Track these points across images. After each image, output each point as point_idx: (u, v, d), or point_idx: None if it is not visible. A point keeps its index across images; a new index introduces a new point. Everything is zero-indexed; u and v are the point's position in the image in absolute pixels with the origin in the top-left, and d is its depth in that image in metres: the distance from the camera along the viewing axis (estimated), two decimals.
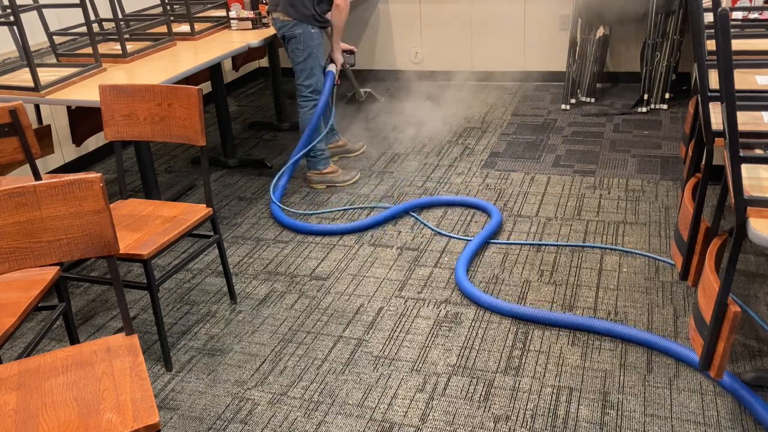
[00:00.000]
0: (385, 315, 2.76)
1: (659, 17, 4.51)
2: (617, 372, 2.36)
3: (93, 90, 2.88)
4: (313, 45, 3.63)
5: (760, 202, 1.78)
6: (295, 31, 3.59)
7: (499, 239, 3.23)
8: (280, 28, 3.65)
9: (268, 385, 2.44)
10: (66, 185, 1.74)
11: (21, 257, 1.76)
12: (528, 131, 4.50)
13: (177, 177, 4.19)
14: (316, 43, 3.63)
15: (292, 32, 3.60)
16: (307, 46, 3.62)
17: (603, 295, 2.78)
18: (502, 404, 2.27)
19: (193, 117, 2.57)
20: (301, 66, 3.69)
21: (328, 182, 3.88)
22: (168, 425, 2.28)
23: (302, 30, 3.58)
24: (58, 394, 1.72)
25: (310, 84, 3.72)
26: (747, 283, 2.77)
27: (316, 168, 3.86)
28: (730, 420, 2.14)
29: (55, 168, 4.09)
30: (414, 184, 3.85)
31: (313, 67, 3.68)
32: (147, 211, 2.69)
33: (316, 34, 3.62)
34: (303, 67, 3.69)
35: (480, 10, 5.27)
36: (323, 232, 3.39)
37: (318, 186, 3.88)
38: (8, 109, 2.42)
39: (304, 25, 3.58)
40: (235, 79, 5.83)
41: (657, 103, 4.69)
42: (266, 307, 2.87)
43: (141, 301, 2.99)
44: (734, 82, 1.73)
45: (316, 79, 3.72)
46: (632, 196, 3.54)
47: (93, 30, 3.30)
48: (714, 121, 2.28)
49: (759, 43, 2.96)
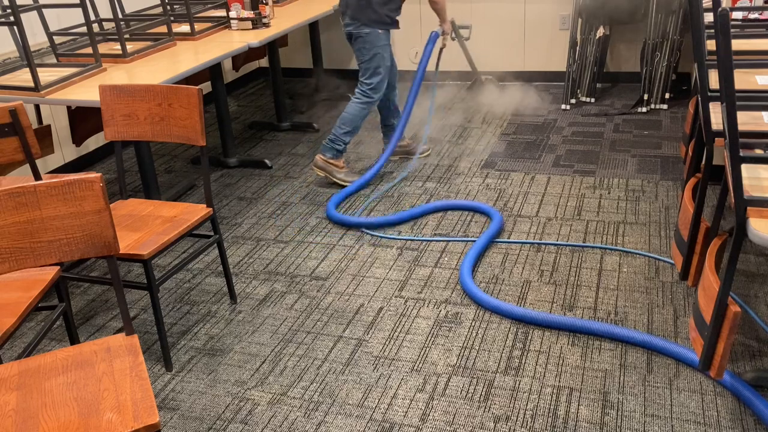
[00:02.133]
0: (385, 315, 2.76)
1: (659, 17, 4.51)
2: (617, 372, 2.36)
3: (93, 90, 2.88)
4: (379, 45, 3.70)
5: (760, 202, 1.78)
6: (362, 31, 3.68)
7: (499, 239, 3.23)
8: (347, 25, 3.73)
9: (268, 385, 2.44)
10: (66, 185, 1.74)
11: (21, 257, 1.76)
12: (528, 131, 4.50)
13: (177, 177, 4.19)
14: (382, 43, 3.70)
15: (359, 32, 3.69)
16: (374, 46, 3.69)
17: (603, 295, 2.78)
18: (502, 404, 2.27)
19: (193, 117, 2.57)
20: (366, 65, 3.75)
21: (328, 173, 3.88)
22: (168, 425, 2.28)
23: (369, 30, 3.66)
24: (58, 394, 1.72)
25: (371, 83, 3.77)
26: (747, 283, 2.77)
27: (325, 154, 3.88)
28: (730, 420, 2.14)
29: (55, 168, 4.09)
30: (414, 184, 3.85)
31: (378, 67, 3.73)
32: (147, 211, 2.69)
33: (383, 35, 3.69)
34: (367, 66, 3.75)
35: (480, 10, 5.27)
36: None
37: (318, 171, 3.89)
38: (8, 109, 2.42)
39: (372, 26, 3.66)
40: (235, 79, 5.83)
41: (657, 103, 4.69)
42: (266, 307, 2.87)
43: (141, 301, 2.99)
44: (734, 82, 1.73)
45: (380, 79, 3.76)
46: (632, 196, 3.54)
47: (93, 30, 3.31)
48: (714, 121, 2.28)
49: (759, 43, 2.96)
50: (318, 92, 5.48)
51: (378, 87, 3.77)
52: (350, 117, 3.79)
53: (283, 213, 3.65)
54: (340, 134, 3.81)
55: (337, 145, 3.83)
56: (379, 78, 3.75)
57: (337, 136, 3.81)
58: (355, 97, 3.82)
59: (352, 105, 3.81)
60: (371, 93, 3.78)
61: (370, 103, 3.79)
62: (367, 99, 3.79)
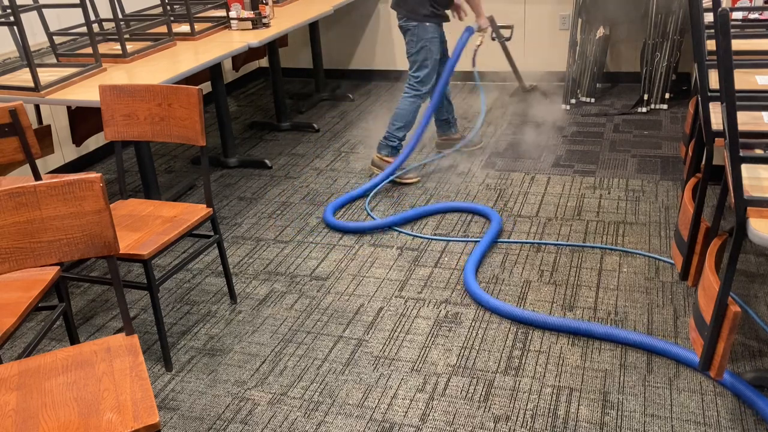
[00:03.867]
0: (385, 315, 2.76)
1: (659, 17, 4.51)
2: (617, 372, 2.36)
3: (93, 90, 2.88)
4: (427, 38, 3.73)
5: (760, 202, 1.78)
6: (410, 24, 3.73)
7: (499, 239, 3.23)
8: (399, 19, 3.80)
9: (268, 385, 2.44)
10: (66, 185, 1.74)
11: (21, 257, 1.76)
12: (528, 131, 4.50)
13: (177, 177, 4.19)
14: (429, 36, 3.73)
15: (408, 25, 3.75)
16: (421, 39, 3.73)
17: (603, 295, 2.78)
18: (502, 404, 2.27)
19: (193, 117, 2.57)
20: (413, 58, 3.80)
21: (375, 165, 3.93)
22: (168, 425, 2.28)
23: (417, 23, 3.71)
24: (58, 394, 1.72)
25: (418, 75, 3.80)
26: (747, 283, 2.77)
27: (381, 151, 3.92)
28: (730, 420, 2.14)
29: (55, 168, 4.09)
30: (414, 184, 3.85)
31: (425, 59, 3.77)
32: (147, 211, 2.69)
33: (430, 28, 3.73)
34: (415, 59, 3.80)
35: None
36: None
37: (374, 169, 3.93)
38: (8, 109, 2.42)
39: (420, 19, 3.71)
40: (235, 79, 5.83)
41: (657, 103, 4.69)
42: (266, 307, 2.87)
43: (141, 301, 2.99)
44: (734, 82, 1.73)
45: (427, 72, 3.79)
46: (632, 196, 3.54)
47: (93, 30, 3.30)
48: (714, 121, 2.28)
49: (759, 43, 2.96)
50: (318, 92, 5.48)
51: (425, 80, 3.81)
52: (401, 112, 3.85)
53: (283, 213, 3.65)
54: (393, 131, 3.86)
55: (391, 141, 3.88)
56: (426, 71, 3.79)
57: (390, 132, 3.87)
58: (404, 92, 3.87)
59: (402, 100, 3.87)
60: (418, 86, 3.82)
61: (418, 95, 3.84)
62: (415, 92, 3.83)
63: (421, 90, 3.82)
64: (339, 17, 5.70)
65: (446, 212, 3.53)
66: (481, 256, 3.06)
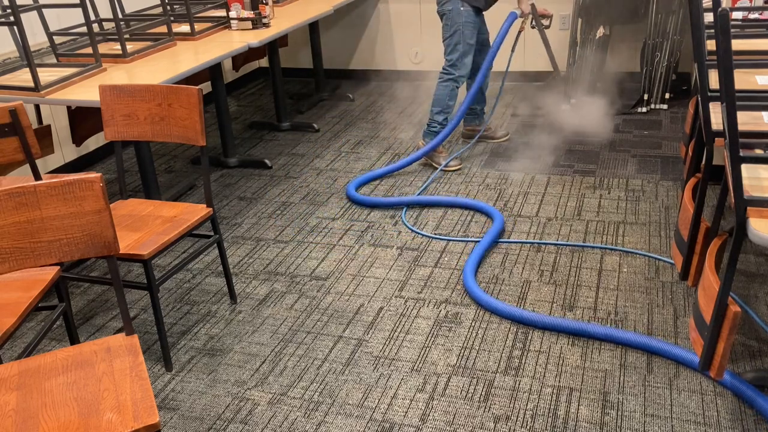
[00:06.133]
0: (385, 315, 2.76)
1: (659, 17, 4.51)
2: (617, 372, 2.36)
3: (93, 90, 2.88)
4: (461, 22, 3.79)
5: (760, 202, 1.78)
6: (446, 8, 3.81)
7: (499, 239, 3.23)
8: (437, 3, 3.86)
9: (268, 385, 2.44)
10: (66, 185, 1.74)
11: (21, 257, 1.76)
12: (528, 131, 4.50)
13: (177, 177, 4.19)
14: (463, 20, 3.78)
15: (443, 9, 3.83)
16: (455, 22, 3.79)
17: (603, 295, 2.78)
18: (502, 404, 2.27)
19: (193, 117, 2.57)
20: (447, 41, 3.87)
21: (427, 156, 4.00)
22: (168, 425, 2.28)
23: (452, 7, 3.78)
24: (58, 394, 1.72)
25: (451, 59, 3.86)
26: (747, 283, 2.77)
27: (425, 138, 4.00)
28: (730, 420, 2.14)
29: (55, 168, 4.09)
30: (414, 184, 3.85)
31: (457, 43, 3.82)
32: (147, 211, 2.69)
33: (465, 12, 3.78)
34: (449, 42, 3.86)
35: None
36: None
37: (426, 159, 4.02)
38: (8, 109, 2.42)
39: (455, 3, 3.76)
40: (235, 79, 5.83)
41: (657, 103, 4.69)
42: (266, 307, 2.87)
43: (141, 301, 2.99)
44: (734, 82, 1.73)
45: (458, 56, 3.83)
46: (632, 196, 3.54)
47: (93, 30, 3.30)
48: (714, 121, 2.28)
49: (759, 43, 2.96)
50: (318, 92, 5.48)
51: (458, 64, 3.85)
52: (438, 97, 3.91)
53: (283, 213, 3.65)
54: (433, 116, 3.93)
55: (432, 127, 3.95)
56: (457, 54, 3.83)
57: (431, 118, 3.95)
58: (439, 77, 3.92)
59: (438, 85, 3.92)
60: (451, 69, 3.87)
61: (452, 79, 3.87)
62: (449, 76, 3.88)
63: (454, 74, 3.86)
64: (339, 17, 5.70)
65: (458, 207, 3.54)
66: (481, 257, 3.06)
